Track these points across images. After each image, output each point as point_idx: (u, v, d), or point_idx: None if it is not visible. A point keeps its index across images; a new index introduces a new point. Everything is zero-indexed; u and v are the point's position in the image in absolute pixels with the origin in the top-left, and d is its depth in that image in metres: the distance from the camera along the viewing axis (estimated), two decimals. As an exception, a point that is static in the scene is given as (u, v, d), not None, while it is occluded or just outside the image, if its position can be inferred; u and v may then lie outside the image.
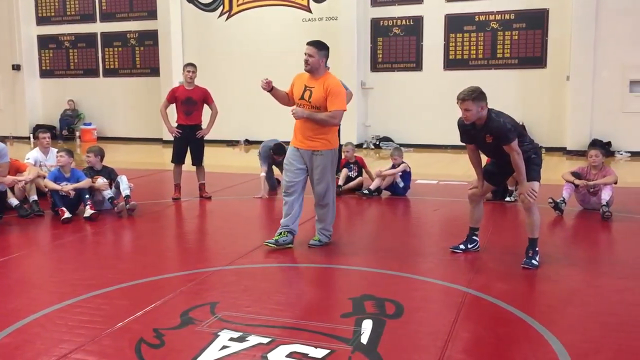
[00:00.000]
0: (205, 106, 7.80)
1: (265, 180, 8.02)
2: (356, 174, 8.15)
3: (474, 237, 5.17)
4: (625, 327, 3.54)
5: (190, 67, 7.68)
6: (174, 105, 7.75)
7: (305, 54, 5.19)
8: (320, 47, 5.22)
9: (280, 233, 5.28)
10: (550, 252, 5.06)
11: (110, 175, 7.02)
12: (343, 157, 8.13)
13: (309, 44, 5.27)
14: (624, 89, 12.20)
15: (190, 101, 7.63)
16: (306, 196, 5.43)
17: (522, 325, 3.59)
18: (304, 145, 5.21)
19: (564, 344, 3.28)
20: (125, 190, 6.86)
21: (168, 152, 8.25)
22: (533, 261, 4.68)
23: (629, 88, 12.18)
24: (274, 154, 7.97)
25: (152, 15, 15.88)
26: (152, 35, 15.97)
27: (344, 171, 8.08)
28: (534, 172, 4.71)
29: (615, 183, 6.64)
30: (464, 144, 4.99)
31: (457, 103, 4.59)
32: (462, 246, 5.14)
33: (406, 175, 7.82)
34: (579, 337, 3.42)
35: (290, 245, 5.28)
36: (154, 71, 15.99)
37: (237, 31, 15.22)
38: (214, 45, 15.42)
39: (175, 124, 7.81)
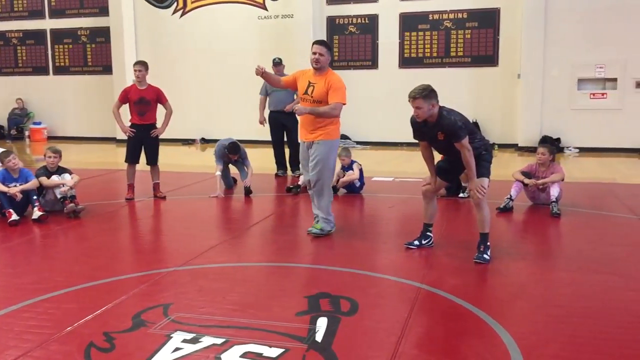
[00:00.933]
0: (160, 105, 7.68)
1: (220, 180, 7.95)
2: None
3: (428, 233, 5.24)
4: (572, 319, 3.64)
5: (138, 66, 7.51)
6: (127, 104, 7.61)
7: (315, 53, 5.50)
8: (328, 46, 5.62)
9: (318, 221, 5.71)
10: (501, 247, 5.18)
11: (62, 175, 6.83)
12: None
13: (318, 43, 5.62)
14: (573, 86, 12.57)
15: (143, 101, 7.49)
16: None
17: (474, 319, 3.66)
18: (308, 137, 5.60)
19: (514, 336, 3.36)
20: (71, 191, 6.69)
21: (122, 151, 8.09)
22: (485, 256, 4.78)
23: (577, 86, 12.55)
24: (229, 152, 7.90)
25: (104, 11, 15.54)
26: (104, 32, 15.63)
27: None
28: (483, 169, 4.81)
29: (562, 180, 6.84)
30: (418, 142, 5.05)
31: (409, 101, 4.64)
32: (416, 242, 5.21)
33: (360, 173, 7.87)
34: (528, 329, 3.50)
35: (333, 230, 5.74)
36: (107, 69, 15.66)
37: (192, 29, 15.03)
38: (168, 43, 15.20)
39: (129, 124, 7.66)
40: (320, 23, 14.21)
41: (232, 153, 7.87)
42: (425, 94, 4.56)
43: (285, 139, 9.49)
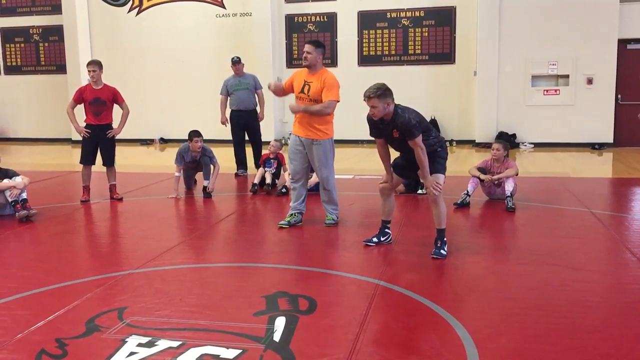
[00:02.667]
0: (116, 105, 7.54)
1: (179, 181, 7.83)
2: (274, 170, 8.12)
3: (387, 230, 5.29)
4: (525, 311, 3.72)
5: (92, 66, 7.33)
6: (81, 104, 7.44)
7: (305, 51, 5.75)
8: (316, 45, 5.80)
9: (292, 214, 6.00)
10: (458, 242, 5.26)
11: (7, 175, 6.62)
12: (266, 152, 8.17)
13: (307, 42, 5.86)
14: (527, 83, 12.85)
15: (99, 101, 7.35)
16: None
17: (430, 314, 3.70)
18: (305, 134, 5.80)
19: (469, 329, 3.41)
20: (21, 194, 6.50)
21: (77, 152, 7.90)
22: (442, 251, 4.85)
23: (530, 83, 12.84)
24: (192, 137, 7.69)
25: (57, 9, 15.17)
26: (57, 31, 15.27)
27: (261, 170, 8.04)
28: (439, 165, 4.87)
29: (517, 175, 6.99)
30: (376, 139, 5.09)
31: (364, 100, 4.66)
32: (375, 239, 5.24)
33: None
34: (482, 323, 3.56)
35: (300, 224, 6.02)
36: (61, 68, 15.31)
37: (149, 27, 14.81)
38: (124, 42, 14.93)
39: (84, 124, 7.50)
40: (278, 21, 14.17)
41: (196, 136, 7.67)
42: (380, 93, 4.59)
43: (247, 138, 9.46)
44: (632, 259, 4.91)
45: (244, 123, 9.33)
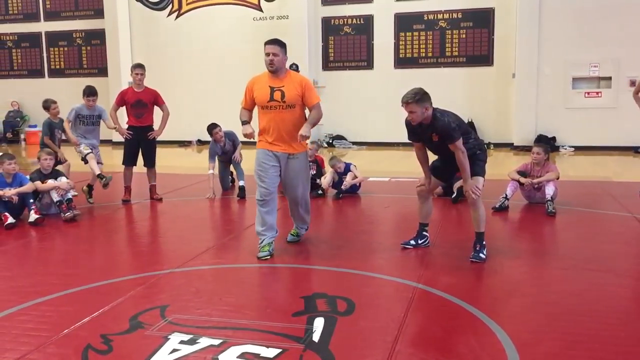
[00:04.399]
0: (157, 107, 7.70)
1: (212, 178, 7.93)
2: (314, 172, 8.16)
3: (424, 233, 5.26)
4: (566, 317, 3.67)
5: (139, 69, 7.54)
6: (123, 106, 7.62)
7: (269, 53, 4.89)
8: (282, 44, 4.97)
9: (270, 244, 5.06)
10: (497, 246, 5.20)
11: (56, 176, 6.83)
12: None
13: (270, 42, 4.96)
14: (567, 85, 12.63)
15: (141, 104, 7.51)
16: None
17: (470, 318, 3.68)
18: (280, 148, 4.98)
19: (509, 334, 3.38)
20: (67, 194, 6.69)
21: (118, 153, 8.11)
22: (480, 254, 4.81)
23: (571, 85, 12.61)
24: (208, 132, 7.93)
25: (99, 14, 15.55)
26: (99, 35, 15.64)
27: None
28: (478, 168, 4.82)
29: (557, 179, 6.87)
30: (412, 142, 5.07)
31: (402, 106, 4.66)
32: (412, 242, 5.23)
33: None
34: (523, 327, 3.52)
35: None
36: (102, 71, 15.68)
37: (187, 30, 15.06)
38: (163, 45, 15.21)
39: (126, 126, 7.68)
40: (315, 24, 14.24)
41: (214, 129, 7.92)
42: (418, 98, 4.57)
43: None
44: (678, 265, 4.79)
45: None
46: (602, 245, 5.33)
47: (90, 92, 7.46)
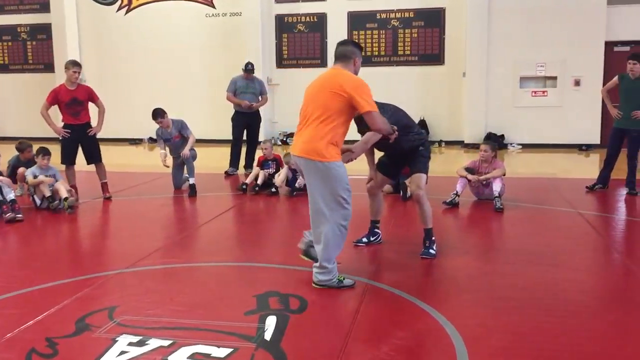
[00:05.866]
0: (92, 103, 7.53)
1: (164, 155, 8.02)
2: (274, 170, 8.11)
3: (376, 230, 5.31)
4: (515, 311, 3.75)
5: (77, 68, 7.35)
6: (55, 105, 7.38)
7: None
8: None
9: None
10: (446, 242, 5.30)
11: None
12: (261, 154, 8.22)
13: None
14: (515, 84, 12.94)
15: (76, 101, 7.33)
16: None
17: (420, 313, 3.72)
18: None
19: (458, 328, 3.44)
20: (8, 194, 6.47)
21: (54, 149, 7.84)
22: (430, 250, 4.88)
23: (519, 84, 12.93)
24: (153, 118, 7.95)
25: (45, 7, 15.07)
26: (45, 29, 15.16)
27: (257, 170, 8.04)
28: (420, 164, 4.87)
29: (504, 175, 7.05)
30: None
31: None
32: (364, 239, 5.26)
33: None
34: (472, 322, 3.59)
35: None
36: (48, 67, 15.20)
37: (138, 26, 14.75)
38: (113, 41, 14.85)
39: (62, 124, 7.48)
40: (269, 21, 14.17)
41: (154, 118, 7.88)
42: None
43: (245, 138, 9.53)
44: (619, 258, 4.97)
45: (247, 124, 9.51)
46: (549, 240, 5.49)
47: (44, 152, 7.16)
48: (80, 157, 7.59)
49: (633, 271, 4.60)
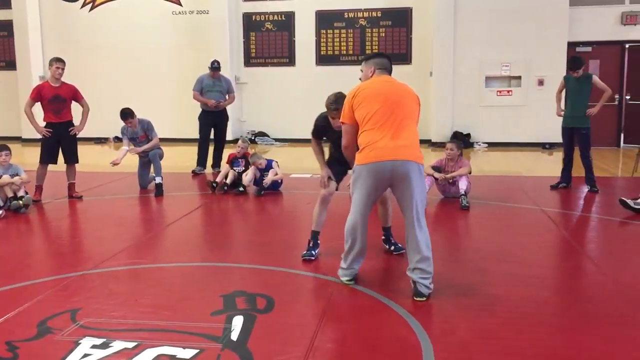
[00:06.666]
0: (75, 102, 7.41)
1: (124, 153, 7.92)
2: (243, 169, 8.06)
3: (318, 242, 5.23)
4: (480, 307, 3.80)
5: (60, 64, 7.22)
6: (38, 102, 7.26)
7: None
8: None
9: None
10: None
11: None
12: (233, 152, 8.21)
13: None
14: (481, 84, 13.12)
15: (59, 99, 7.21)
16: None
17: (386, 311, 3.75)
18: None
19: (424, 325, 3.47)
20: None
21: (29, 151, 7.72)
22: (399, 245, 4.91)
23: (484, 83, 13.12)
24: (122, 119, 7.92)
25: (6, 4, 14.70)
26: (7, 26, 14.79)
27: (227, 168, 7.99)
28: None
29: (470, 173, 7.15)
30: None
31: (328, 113, 4.71)
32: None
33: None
34: (437, 318, 3.64)
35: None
36: (10, 64, 14.85)
37: (103, 23, 14.51)
38: (77, 38, 14.59)
39: (44, 123, 7.34)
40: (236, 19, 14.09)
41: (123, 118, 7.83)
42: (340, 102, 4.61)
43: (212, 137, 9.46)
44: (580, 254, 5.08)
45: (214, 123, 9.44)
46: (513, 238, 5.58)
47: (2, 148, 6.93)
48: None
49: (591, 266, 4.71)
